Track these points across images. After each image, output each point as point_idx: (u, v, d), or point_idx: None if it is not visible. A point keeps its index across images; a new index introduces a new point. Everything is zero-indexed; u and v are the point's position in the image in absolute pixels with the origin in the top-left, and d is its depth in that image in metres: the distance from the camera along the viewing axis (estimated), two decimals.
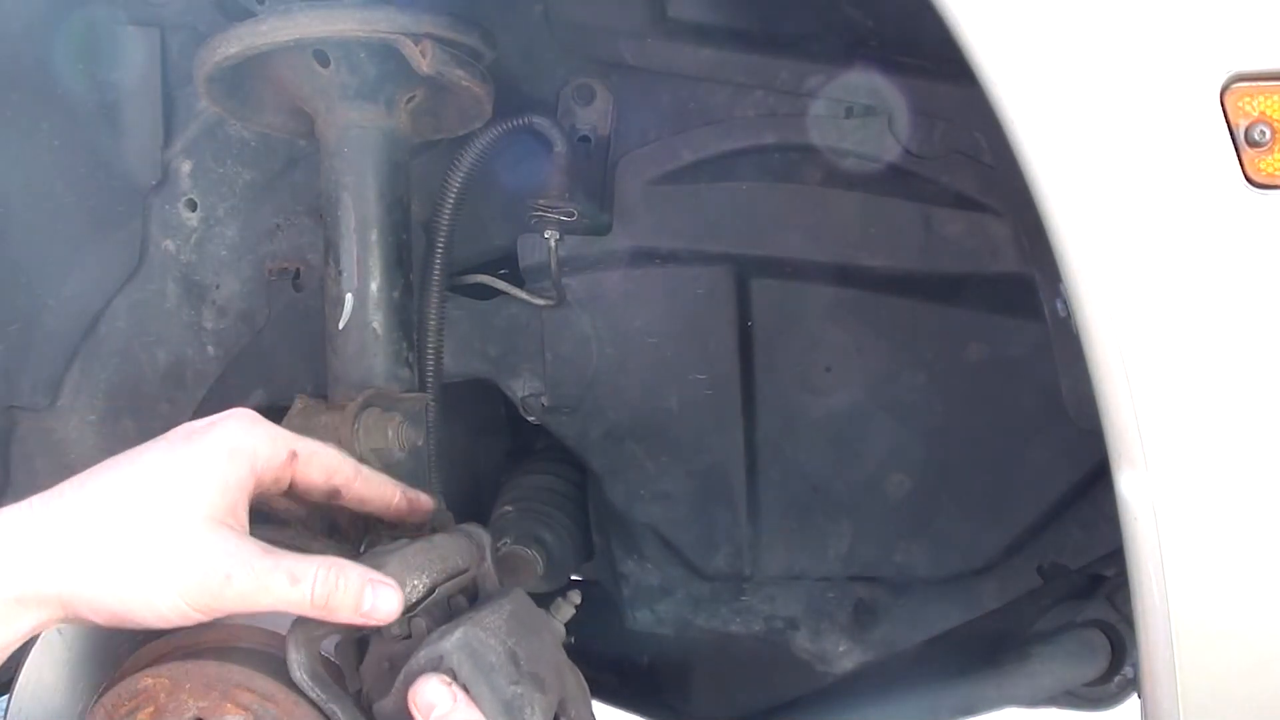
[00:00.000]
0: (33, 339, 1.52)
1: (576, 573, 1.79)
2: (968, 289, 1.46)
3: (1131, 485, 0.90)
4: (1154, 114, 0.88)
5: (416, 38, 1.22)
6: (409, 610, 0.97)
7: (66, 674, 1.09)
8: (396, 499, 1.06)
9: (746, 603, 1.66)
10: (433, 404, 1.41)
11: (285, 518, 1.07)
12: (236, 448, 0.92)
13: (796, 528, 1.58)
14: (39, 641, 1.09)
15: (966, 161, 1.40)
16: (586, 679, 1.07)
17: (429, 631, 0.96)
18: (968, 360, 1.49)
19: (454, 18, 1.25)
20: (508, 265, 1.54)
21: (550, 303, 1.51)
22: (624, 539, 1.63)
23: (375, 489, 1.04)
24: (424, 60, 1.21)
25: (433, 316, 1.42)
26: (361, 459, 1.21)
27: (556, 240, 1.44)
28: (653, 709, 1.81)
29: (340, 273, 1.29)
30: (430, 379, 1.42)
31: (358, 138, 1.29)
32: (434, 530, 1.11)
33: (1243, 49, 0.87)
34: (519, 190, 1.47)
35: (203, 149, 1.51)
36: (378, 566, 0.95)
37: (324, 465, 1.00)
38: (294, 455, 0.97)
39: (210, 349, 1.56)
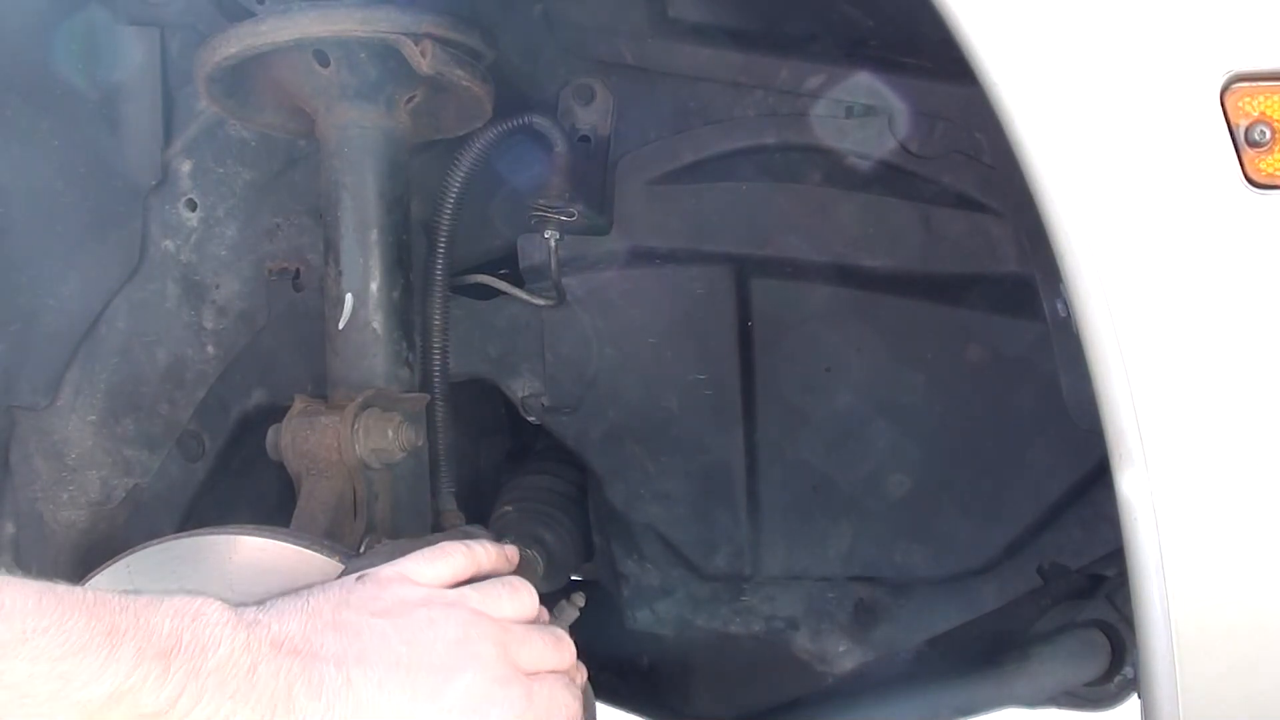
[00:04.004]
0: (33, 339, 1.52)
1: (576, 573, 1.79)
2: (968, 289, 1.46)
3: (1131, 485, 0.90)
4: (1154, 114, 0.88)
5: (417, 38, 1.22)
6: None
7: None
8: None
9: (746, 603, 1.66)
10: (441, 404, 1.41)
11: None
12: None
13: (796, 528, 1.58)
14: (106, 571, 1.08)
15: (966, 161, 1.40)
16: (587, 678, 1.07)
17: None
18: (968, 360, 1.49)
19: (454, 18, 1.25)
20: (508, 265, 1.54)
21: (550, 303, 1.51)
22: (624, 539, 1.63)
23: None
24: (424, 60, 1.21)
25: (437, 316, 1.42)
26: (361, 459, 1.21)
27: (557, 240, 1.44)
28: (653, 709, 1.81)
29: (340, 273, 1.29)
30: (437, 379, 1.41)
31: (358, 138, 1.29)
32: (438, 530, 1.11)
33: (1243, 49, 0.87)
34: (519, 190, 1.47)
35: (203, 149, 1.51)
36: (372, 564, 0.96)
37: None
38: None
39: (210, 349, 1.56)
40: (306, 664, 0.81)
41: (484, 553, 1.00)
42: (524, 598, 0.96)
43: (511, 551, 1.05)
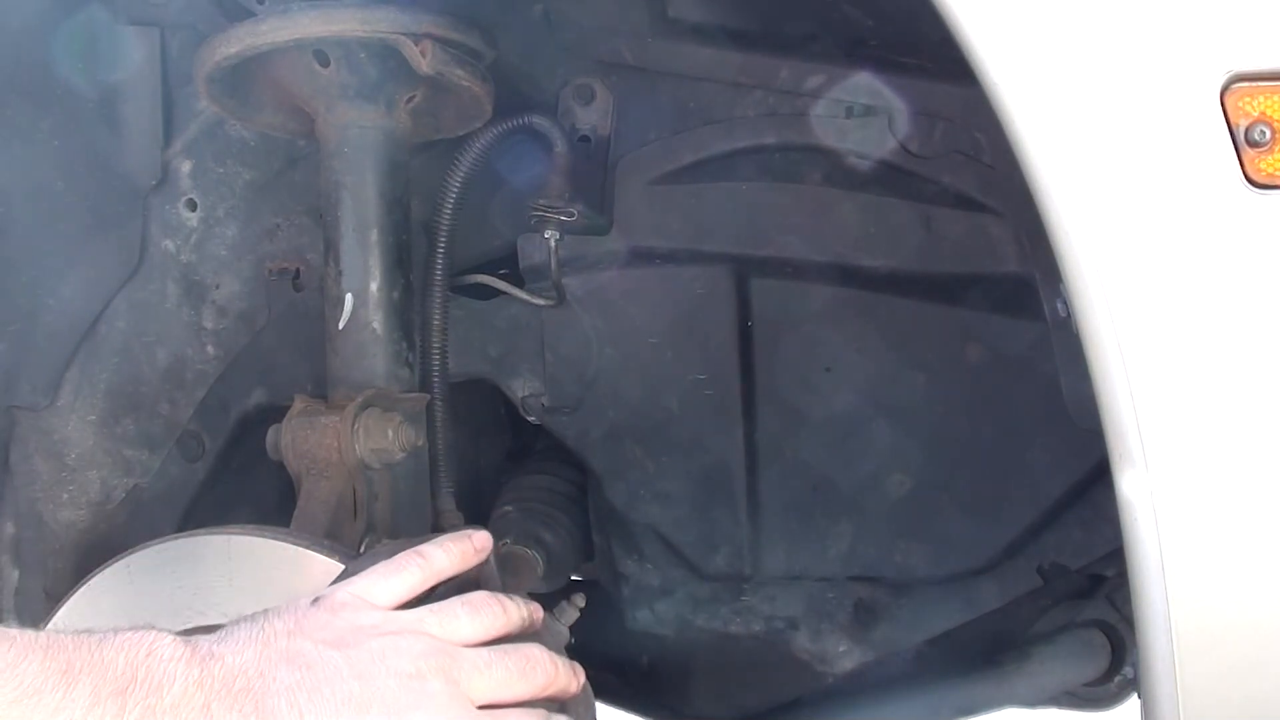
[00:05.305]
0: (33, 339, 1.52)
1: (576, 573, 1.79)
2: (968, 289, 1.46)
3: (1131, 485, 0.90)
4: (1154, 114, 0.88)
5: (417, 38, 1.22)
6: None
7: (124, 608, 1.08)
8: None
9: (746, 603, 1.66)
10: (440, 404, 1.41)
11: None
12: None
13: (796, 528, 1.58)
14: (106, 571, 1.08)
15: (966, 161, 1.40)
16: (587, 679, 1.07)
17: None
18: (968, 360, 1.49)
19: (454, 18, 1.26)
20: (508, 265, 1.54)
21: (550, 303, 1.51)
22: (624, 539, 1.63)
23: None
24: (424, 60, 1.21)
25: (437, 316, 1.42)
26: (361, 459, 1.21)
27: (557, 240, 1.44)
28: (653, 709, 1.81)
29: (340, 273, 1.29)
30: (436, 379, 1.41)
31: (358, 138, 1.29)
32: (438, 530, 1.11)
33: (1243, 49, 0.87)
34: (519, 190, 1.47)
35: (203, 149, 1.51)
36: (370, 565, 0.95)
37: None
38: None
39: (210, 349, 1.56)
40: (260, 700, 0.81)
41: (444, 559, 0.97)
42: (484, 617, 0.94)
43: (480, 538, 1.02)
